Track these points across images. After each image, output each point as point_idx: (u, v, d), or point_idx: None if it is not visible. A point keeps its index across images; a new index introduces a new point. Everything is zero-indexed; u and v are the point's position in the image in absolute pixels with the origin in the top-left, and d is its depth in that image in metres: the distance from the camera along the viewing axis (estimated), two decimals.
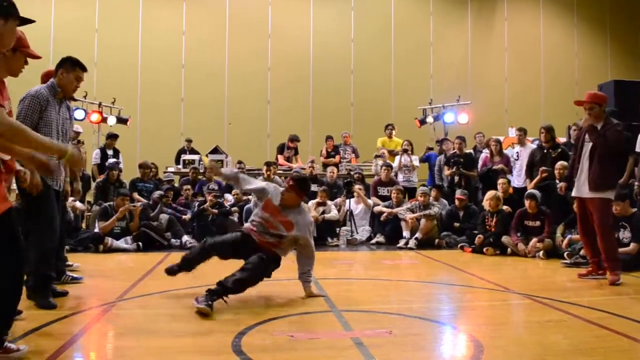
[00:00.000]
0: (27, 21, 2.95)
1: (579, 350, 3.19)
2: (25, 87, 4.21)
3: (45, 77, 4.77)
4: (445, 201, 9.33)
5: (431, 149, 11.14)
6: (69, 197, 4.62)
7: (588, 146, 5.50)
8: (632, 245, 6.25)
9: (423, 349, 3.33)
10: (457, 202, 8.78)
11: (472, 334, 3.53)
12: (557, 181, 7.92)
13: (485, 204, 8.03)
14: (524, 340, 3.50)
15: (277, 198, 4.58)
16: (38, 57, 3.51)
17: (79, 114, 10.44)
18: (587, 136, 5.56)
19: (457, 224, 8.68)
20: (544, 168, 8.13)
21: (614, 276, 5.33)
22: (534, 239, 7.32)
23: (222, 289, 4.09)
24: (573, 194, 5.71)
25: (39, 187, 3.81)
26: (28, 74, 3.57)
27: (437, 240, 8.48)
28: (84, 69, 4.38)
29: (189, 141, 11.94)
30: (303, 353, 3.13)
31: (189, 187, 9.52)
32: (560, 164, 7.92)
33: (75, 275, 5.27)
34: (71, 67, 4.30)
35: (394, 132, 11.55)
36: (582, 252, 6.52)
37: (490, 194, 8.04)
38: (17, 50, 3.33)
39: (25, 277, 3.35)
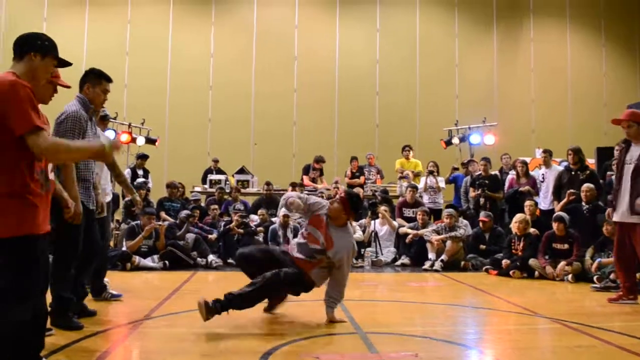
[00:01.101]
0: (65, 64, 3.03)
1: None
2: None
3: None
4: (465, 221, 9.22)
5: (457, 169, 11.07)
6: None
7: (629, 168, 5.31)
8: None
9: None
10: (481, 224, 8.70)
11: (499, 358, 3.49)
12: (584, 204, 7.83)
13: (514, 226, 7.93)
14: None
15: (321, 210, 4.52)
16: (68, 87, 3.56)
17: (109, 134, 10.65)
18: (627, 157, 5.37)
19: (482, 246, 8.57)
20: (571, 191, 8.02)
21: None
22: (563, 262, 7.20)
23: (225, 302, 4.08)
24: (614, 218, 5.51)
25: (80, 218, 3.84)
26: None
27: (463, 263, 8.40)
28: (109, 79, 4.30)
29: (216, 161, 12.09)
30: None
31: (216, 206, 9.63)
32: (586, 186, 7.83)
33: (115, 292, 5.30)
34: (97, 79, 4.23)
35: (411, 153, 11.53)
36: (612, 276, 6.39)
37: (519, 217, 7.94)
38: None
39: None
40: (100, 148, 2.84)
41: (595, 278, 6.67)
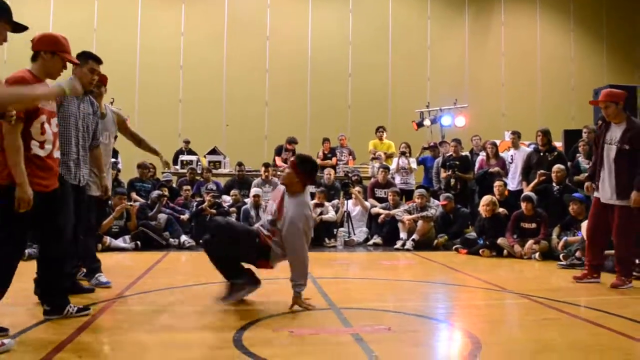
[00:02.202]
0: (20, 28, 3.05)
1: (575, 348, 3.24)
2: None
3: None
4: (437, 201, 9.37)
5: (426, 148, 11.19)
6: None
7: (611, 148, 5.27)
8: None
9: (422, 345, 3.37)
10: (441, 207, 8.84)
11: (470, 330, 3.57)
12: (554, 184, 8.01)
13: (482, 209, 8.07)
14: (521, 338, 3.55)
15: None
16: (76, 63, 3.75)
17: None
18: (607, 137, 5.34)
19: (441, 239, 8.65)
20: (542, 171, 8.19)
21: (619, 280, 5.23)
22: (530, 241, 7.37)
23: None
24: (596, 195, 5.47)
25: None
26: None
27: (436, 241, 8.52)
28: (98, 60, 4.39)
29: (187, 142, 11.96)
30: (304, 347, 3.17)
31: (188, 187, 9.55)
32: (557, 167, 7.99)
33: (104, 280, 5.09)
34: (84, 60, 4.30)
35: (384, 134, 11.61)
36: (577, 254, 6.57)
37: (485, 199, 8.08)
38: (55, 54, 3.47)
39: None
40: (61, 91, 3.10)
41: (561, 256, 6.86)
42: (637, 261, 5.75)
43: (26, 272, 4.22)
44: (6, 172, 3.17)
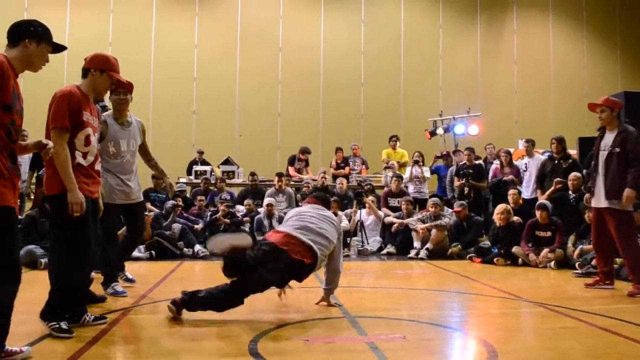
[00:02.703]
0: (60, 48, 3.21)
1: (592, 356, 3.22)
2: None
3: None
4: (450, 210, 9.34)
5: (439, 157, 11.17)
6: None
7: (604, 154, 5.45)
8: None
9: (437, 353, 3.37)
10: (456, 215, 8.81)
11: (485, 339, 3.55)
12: (571, 192, 7.95)
13: (496, 217, 8.03)
14: (537, 346, 3.52)
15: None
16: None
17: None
18: (602, 144, 5.51)
19: (455, 248, 8.61)
20: (558, 179, 8.13)
21: (635, 289, 5.22)
22: (545, 250, 7.32)
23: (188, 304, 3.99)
24: (592, 204, 5.61)
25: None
26: None
27: (450, 251, 8.48)
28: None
29: (201, 153, 12.05)
30: (319, 356, 3.17)
31: (202, 197, 9.61)
32: (573, 175, 7.93)
33: (130, 276, 5.49)
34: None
35: (398, 143, 11.61)
36: (593, 262, 6.50)
37: (500, 207, 8.04)
38: (104, 72, 3.71)
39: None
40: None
41: (577, 264, 6.80)
42: None
43: (38, 281, 4.28)
44: (57, 181, 3.41)
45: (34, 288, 3.09)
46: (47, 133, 3.48)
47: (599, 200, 5.47)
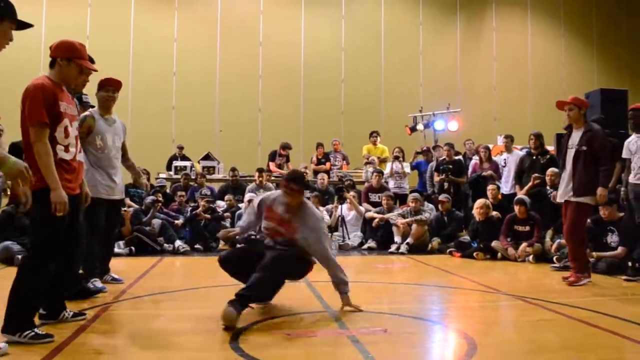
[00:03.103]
0: (25, 25, 3.04)
1: (570, 347, 3.27)
2: None
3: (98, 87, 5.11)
4: (431, 205, 9.42)
5: (419, 153, 11.24)
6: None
7: (571, 152, 5.64)
8: (619, 249, 6.35)
9: (418, 346, 3.39)
10: (440, 205, 8.88)
11: (465, 332, 3.59)
12: (549, 187, 8.06)
13: (475, 212, 8.11)
14: (516, 339, 3.57)
15: (273, 202, 4.27)
16: (94, 70, 3.78)
17: None
18: (569, 142, 5.70)
19: (435, 243, 8.65)
20: (536, 175, 8.24)
21: (574, 277, 5.47)
22: (524, 244, 7.40)
23: (241, 299, 3.68)
24: (558, 199, 5.87)
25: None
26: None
27: (430, 245, 8.53)
28: (91, 60, 4.18)
29: (181, 148, 11.96)
30: (301, 350, 3.18)
31: (183, 193, 9.53)
32: (551, 170, 8.03)
33: (116, 276, 5.39)
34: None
35: (378, 139, 11.65)
36: None
37: (479, 202, 8.12)
38: (71, 61, 3.51)
39: None
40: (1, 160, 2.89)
41: (555, 258, 6.89)
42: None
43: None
44: (38, 176, 3.20)
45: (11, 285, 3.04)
46: (24, 129, 3.33)
47: (563, 193, 5.69)
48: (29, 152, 3.28)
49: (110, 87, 5.07)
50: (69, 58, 3.49)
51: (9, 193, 9.25)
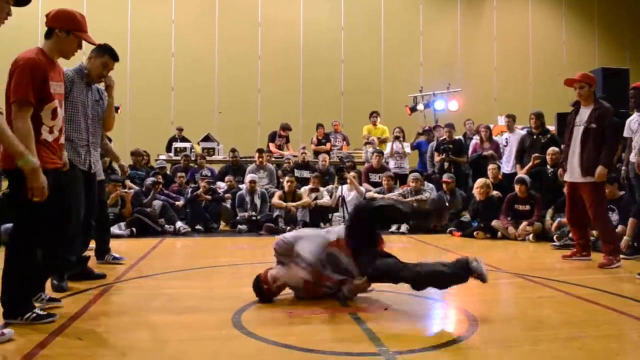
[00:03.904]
0: (23, 2, 2.94)
1: (570, 323, 3.29)
2: None
3: None
4: (431, 185, 9.40)
5: (421, 133, 11.21)
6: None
7: (579, 129, 5.52)
8: (619, 227, 6.36)
9: (419, 323, 3.42)
10: (443, 185, 8.87)
11: (466, 309, 3.62)
12: (549, 167, 8.06)
13: (476, 192, 8.11)
14: (517, 315, 3.60)
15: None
16: (93, 44, 3.63)
17: None
18: (577, 119, 5.59)
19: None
20: (536, 155, 8.23)
21: (606, 260, 5.31)
22: (524, 223, 7.42)
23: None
24: (565, 178, 5.73)
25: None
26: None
27: (433, 225, 8.53)
28: (115, 58, 4.37)
29: (180, 130, 11.92)
30: (302, 327, 3.20)
31: (182, 174, 9.52)
32: (551, 149, 8.02)
33: (117, 255, 5.44)
34: (100, 53, 4.33)
35: (378, 119, 11.61)
36: (571, 235, 6.64)
37: (479, 182, 8.12)
38: (70, 33, 3.32)
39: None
40: (20, 155, 2.86)
41: (555, 237, 6.92)
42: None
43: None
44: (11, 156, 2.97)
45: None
46: (7, 105, 3.08)
47: (573, 174, 5.57)
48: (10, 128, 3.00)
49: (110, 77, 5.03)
50: (69, 30, 3.29)
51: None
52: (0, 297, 3.16)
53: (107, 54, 4.33)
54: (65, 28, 3.29)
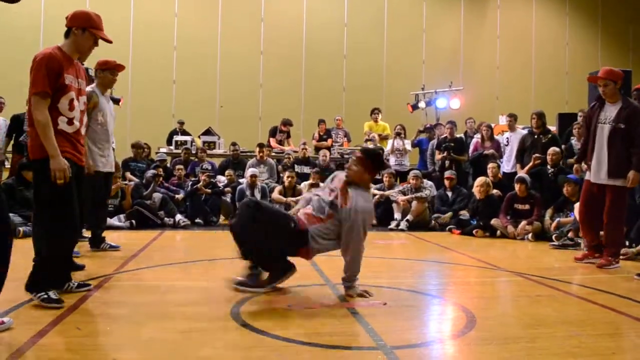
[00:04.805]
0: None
1: (568, 322, 3.29)
2: None
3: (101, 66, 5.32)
4: (430, 182, 9.40)
5: (422, 131, 11.21)
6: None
7: (604, 128, 5.21)
8: None
9: (417, 319, 3.43)
10: (446, 182, 8.87)
11: (464, 305, 3.62)
12: (549, 167, 8.05)
13: (475, 190, 8.12)
14: (515, 313, 3.61)
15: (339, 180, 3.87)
16: (109, 41, 3.72)
17: None
18: (601, 116, 5.28)
19: (445, 216, 8.65)
20: (537, 155, 8.22)
21: (605, 260, 5.21)
22: (523, 222, 7.43)
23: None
24: (588, 177, 5.41)
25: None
26: None
27: (432, 222, 8.55)
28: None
29: (181, 123, 11.92)
30: (301, 320, 3.20)
31: (181, 166, 9.53)
32: (552, 149, 8.03)
33: (112, 244, 5.67)
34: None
35: (379, 116, 11.60)
36: (570, 235, 6.66)
37: (479, 180, 8.13)
38: (86, 30, 3.53)
39: None
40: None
41: (554, 236, 6.93)
42: (626, 243, 5.86)
43: (17, 249, 4.20)
44: (41, 145, 3.30)
45: (14, 256, 3.01)
46: (29, 100, 3.38)
47: (598, 175, 5.26)
48: (32, 120, 3.33)
49: (116, 71, 5.34)
50: (84, 28, 3.52)
51: (8, 166, 9.28)
52: (31, 273, 3.41)
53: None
54: (81, 26, 3.54)
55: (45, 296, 3.31)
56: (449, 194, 8.85)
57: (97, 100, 5.16)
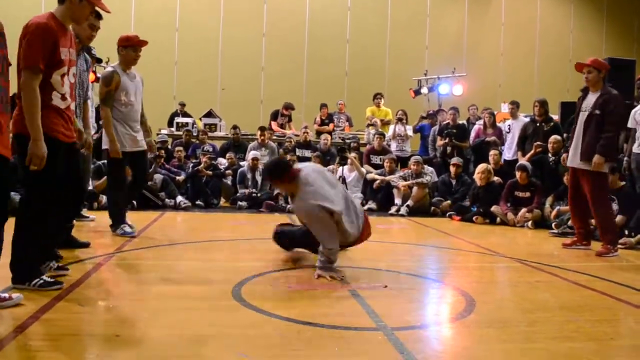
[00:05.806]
0: None
1: (567, 307, 3.33)
2: None
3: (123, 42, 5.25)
4: (431, 168, 9.38)
5: (425, 117, 11.18)
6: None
7: (584, 115, 5.43)
8: (618, 217, 6.37)
9: (417, 301, 3.46)
10: (452, 168, 8.84)
11: (464, 289, 3.65)
12: (550, 155, 8.05)
13: (476, 177, 8.12)
14: (513, 297, 3.64)
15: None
16: (106, 11, 3.55)
17: None
18: (583, 104, 5.50)
19: (447, 202, 8.64)
20: (538, 143, 8.20)
21: (604, 249, 5.30)
22: (523, 209, 7.44)
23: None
24: (567, 163, 5.65)
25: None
26: None
27: (433, 208, 8.56)
28: (99, 16, 4.24)
29: (182, 105, 11.88)
30: (301, 302, 3.24)
31: (181, 148, 9.51)
32: (553, 137, 8.01)
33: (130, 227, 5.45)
34: None
35: (382, 101, 11.56)
36: (569, 223, 6.66)
37: (480, 167, 8.11)
38: None
39: None
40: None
41: (553, 225, 6.94)
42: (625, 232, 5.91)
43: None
44: (23, 120, 3.05)
45: (8, 231, 3.00)
46: (18, 72, 3.07)
47: (574, 159, 5.49)
48: (20, 93, 3.08)
49: (138, 47, 5.22)
50: None
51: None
52: (10, 263, 3.18)
53: (91, 15, 4.14)
54: None
55: (41, 281, 3.17)
56: (453, 181, 8.81)
57: (119, 79, 5.04)
